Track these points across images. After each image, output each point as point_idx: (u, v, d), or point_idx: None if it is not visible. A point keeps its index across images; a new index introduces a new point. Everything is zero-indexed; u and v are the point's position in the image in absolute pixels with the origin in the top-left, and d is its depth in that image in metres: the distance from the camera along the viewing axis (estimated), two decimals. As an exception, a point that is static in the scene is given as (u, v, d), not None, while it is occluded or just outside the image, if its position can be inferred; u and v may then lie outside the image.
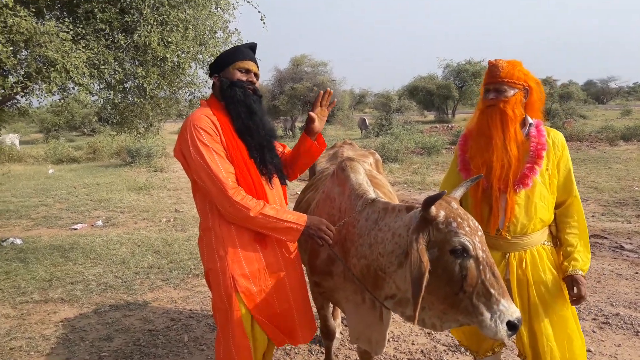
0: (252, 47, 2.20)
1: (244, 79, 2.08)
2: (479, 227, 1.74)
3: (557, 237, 2.20)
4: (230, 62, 2.08)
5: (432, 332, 3.45)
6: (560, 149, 2.12)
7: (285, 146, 2.42)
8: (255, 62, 2.15)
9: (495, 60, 2.12)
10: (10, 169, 13.22)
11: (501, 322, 1.60)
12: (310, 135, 2.23)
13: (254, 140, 2.07)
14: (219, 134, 1.99)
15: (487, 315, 1.62)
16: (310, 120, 2.20)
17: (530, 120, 2.15)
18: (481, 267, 1.64)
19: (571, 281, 2.05)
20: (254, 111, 2.06)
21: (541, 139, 2.10)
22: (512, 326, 1.61)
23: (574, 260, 2.07)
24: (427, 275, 1.62)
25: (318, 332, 3.17)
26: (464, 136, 2.30)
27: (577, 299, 2.04)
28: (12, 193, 9.98)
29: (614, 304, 3.85)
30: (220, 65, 2.11)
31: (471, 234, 1.67)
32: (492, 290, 1.62)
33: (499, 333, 1.60)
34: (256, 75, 2.14)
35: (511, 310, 1.62)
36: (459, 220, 1.69)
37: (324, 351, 3.02)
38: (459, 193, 1.88)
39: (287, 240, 2.10)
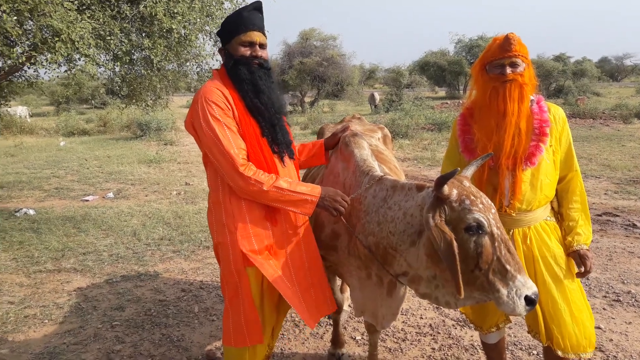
0: (257, 7, 2.01)
1: (248, 53, 1.97)
2: (492, 204, 1.73)
3: (558, 212, 2.19)
4: (233, 35, 1.98)
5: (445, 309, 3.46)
6: (561, 124, 2.09)
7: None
8: (260, 29, 2.00)
9: (511, 33, 2.05)
10: (23, 141, 13.32)
11: (518, 297, 1.60)
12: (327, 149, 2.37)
13: (264, 119, 2.00)
14: (232, 108, 1.93)
15: (504, 291, 1.61)
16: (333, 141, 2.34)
17: (531, 96, 2.10)
18: (496, 243, 1.63)
19: (578, 256, 2.06)
20: (260, 90, 1.98)
21: (543, 115, 2.07)
22: (529, 301, 1.61)
23: (577, 235, 2.07)
24: (455, 244, 1.60)
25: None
26: (462, 116, 2.25)
27: (584, 273, 2.05)
28: (25, 164, 10.08)
29: (625, 281, 3.82)
30: (224, 39, 2.03)
31: (485, 211, 1.66)
32: (507, 267, 1.61)
33: (517, 308, 1.60)
34: (262, 45, 2.02)
35: (528, 284, 1.62)
36: (472, 197, 1.68)
37: (332, 323, 3.05)
38: (470, 172, 1.87)
39: (301, 213, 2.03)
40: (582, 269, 2.04)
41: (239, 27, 1.97)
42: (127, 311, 3.54)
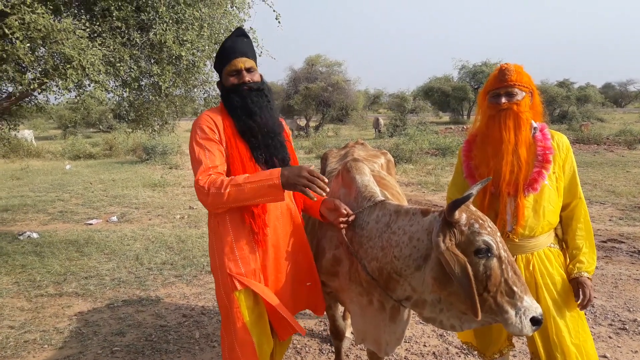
0: (239, 34, 2.09)
1: (236, 82, 2.05)
2: (496, 228, 1.75)
3: (562, 240, 2.19)
4: (221, 69, 2.08)
5: (445, 334, 3.41)
6: (565, 152, 2.12)
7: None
8: (243, 54, 2.04)
9: (505, 64, 2.11)
10: (29, 164, 13.45)
11: (526, 318, 1.63)
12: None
13: (257, 140, 2.05)
14: (218, 132, 2.00)
15: (512, 312, 1.64)
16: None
17: (534, 124, 2.14)
18: (504, 265, 1.66)
19: (577, 284, 2.04)
20: (252, 112, 2.03)
21: (547, 142, 2.10)
22: (536, 321, 1.64)
23: (579, 262, 2.06)
24: (469, 267, 1.61)
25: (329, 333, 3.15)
26: (467, 142, 2.30)
27: (584, 303, 2.02)
28: (30, 188, 10.15)
29: (631, 309, 3.77)
30: (218, 73, 2.13)
31: (493, 234, 1.69)
32: (515, 288, 1.64)
33: (525, 329, 1.63)
34: (249, 69, 2.05)
35: (534, 305, 1.65)
36: (481, 221, 1.71)
37: (334, 351, 3.01)
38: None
39: (274, 201, 1.93)
40: (581, 296, 2.01)
41: (223, 58, 2.07)
42: (127, 336, 3.52)
